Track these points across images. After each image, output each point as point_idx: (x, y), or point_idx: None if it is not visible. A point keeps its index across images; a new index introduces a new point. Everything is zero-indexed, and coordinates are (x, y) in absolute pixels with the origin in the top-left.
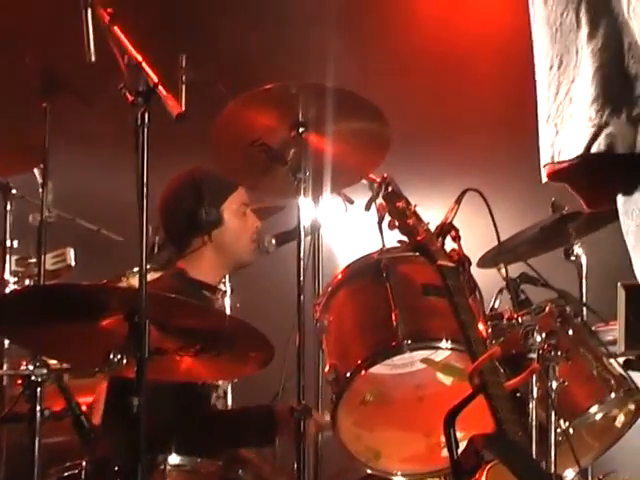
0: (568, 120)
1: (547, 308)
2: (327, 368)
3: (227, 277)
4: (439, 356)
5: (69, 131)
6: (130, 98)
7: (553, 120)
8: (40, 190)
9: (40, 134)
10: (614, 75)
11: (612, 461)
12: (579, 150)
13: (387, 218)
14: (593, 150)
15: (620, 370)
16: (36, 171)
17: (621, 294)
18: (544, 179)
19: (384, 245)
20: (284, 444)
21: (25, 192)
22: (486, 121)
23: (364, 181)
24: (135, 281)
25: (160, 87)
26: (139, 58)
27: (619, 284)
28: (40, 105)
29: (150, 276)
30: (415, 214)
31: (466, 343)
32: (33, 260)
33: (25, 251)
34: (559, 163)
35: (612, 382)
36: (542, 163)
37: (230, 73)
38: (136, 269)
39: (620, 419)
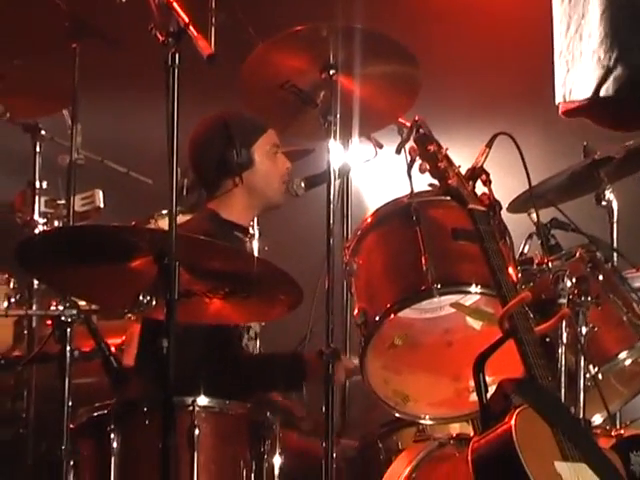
0: (578, 58)
1: (577, 253)
2: (356, 311)
3: (255, 220)
4: (469, 300)
5: (98, 72)
6: (161, 38)
7: (564, 57)
8: (69, 132)
9: (69, 76)
10: (623, 16)
11: None
12: (588, 92)
13: (418, 161)
14: (602, 94)
15: None
16: (65, 113)
17: None
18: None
19: (413, 189)
20: (312, 389)
21: (54, 133)
22: (517, 65)
23: (394, 125)
24: (164, 223)
25: (191, 27)
26: None
27: None
28: (69, 46)
29: (179, 218)
30: (446, 157)
31: (496, 287)
32: (62, 201)
33: (54, 192)
34: (571, 102)
35: None
36: (556, 101)
37: (260, 15)
38: (165, 211)
39: None
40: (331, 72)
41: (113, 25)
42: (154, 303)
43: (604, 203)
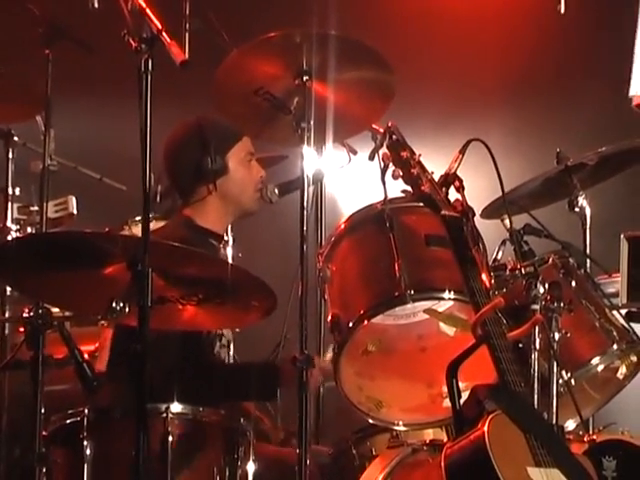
0: None
1: (550, 259)
2: (329, 318)
3: (230, 226)
4: (442, 307)
5: (72, 78)
6: (134, 44)
7: None
8: (42, 138)
9: (42, 81)
10: None
11: (612, 413)
12: None
13: (391, 168)
14: None
15: (622, 322)
16: (38, 119)
17: (624, 246)
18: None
19: (387, 195)
20: (286, 396)
21: (27, 140)
22: (491, 72)
23: (368, 131)
24: (137, 229)
25: (164, 34)
26: (142, 4)
27: (622, 236)
28: (43, 52)
29: (153, 225)
30: (419, 164)
31: (469, 294)
32: (35, 208)
33: (27, 199)
34: None
35: (614, 333)
36: (630, 93)
37: (234, 21)
38: (138, 217)
39: (622, 371)
40: (304, 78)
41: (86, 31)
42: (127, 310)
43: (577, 209)
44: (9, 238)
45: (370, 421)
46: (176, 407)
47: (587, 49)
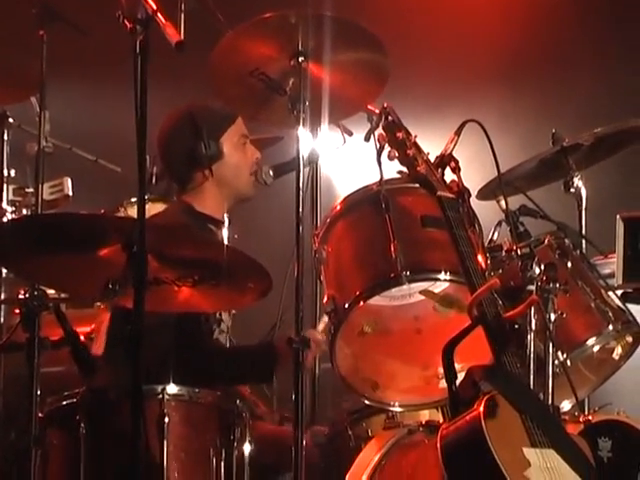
0: None
1: (546, 240)
2: (325, 299)
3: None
4: (438, 288)
5: (66, 60)
6: (128, 26)
7: None
8: (37, 119)
9: (37, 63)
10: None
11: (608, 394)
12: None
13: (387, 149)
14: None
15: (618, 302)
16: (33, 100)
17: (620, 227)
18: None
19: (382, 177)
20: (282, 378)
21: (22, 121)
22: (487, 51)
23: (363, 112)
24: (133, 211)
25: (159, 15)
26: None
27: (618, 216)
28: (37, 34)
29: (148, 207)
30: (415, 145)
31: (465, 275)
32: (30, 190)
33: (22, 181)
34: None
35: (610, 314)
36: None
37: (229, 2)
38: (134, 199)
39: (617, 351)
40: (300, 59)
41: (81, 12)
42: (123, 291)
43: (572, 190)
44: (4, 220)
45: (366, 402)
46: (172, 388)
47: (582, 30)
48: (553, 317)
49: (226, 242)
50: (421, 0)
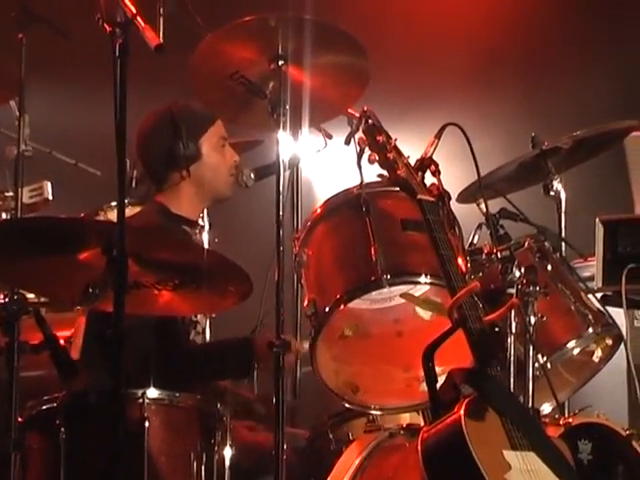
0: None
1: (526, 243)
2: (306, 302)
3: (205, 212)
4: (418, 291)
5: (46, 63)
6: (108, 29)
7: None
8: (16, 123)
9: (16, 66)
10: None
11: (587, 396)
12: None
13: (367, 152)
14: None
15: (598, 305)
16: (12, 104)
17: (599, 230)
18: None
19: (363, 180)
20: (262, 375)
21: (1, 125)
22: (467, 55)
23: (343, 116)
24: (113, 215)
25: (138, 18)
26: None
27: (597, 219)
28: (16, 36)
29: (128, 210)
30: (395, 148)
31: (445, 278)
32: (10, 194)
33: (2, 184)
34: None
35: (590, 317)
36: None
37: (208, 5)
38: (114, 203)
39: (597, 354)
40: (280, 63)
41: (61, 15)
42: (103, 295)
43: (552, 193)
44: None
45: (347, 405)
46: (152, 392)
47: (562, 33)
48: (533, 320)
49: (207, 246)
50: (400, 3)
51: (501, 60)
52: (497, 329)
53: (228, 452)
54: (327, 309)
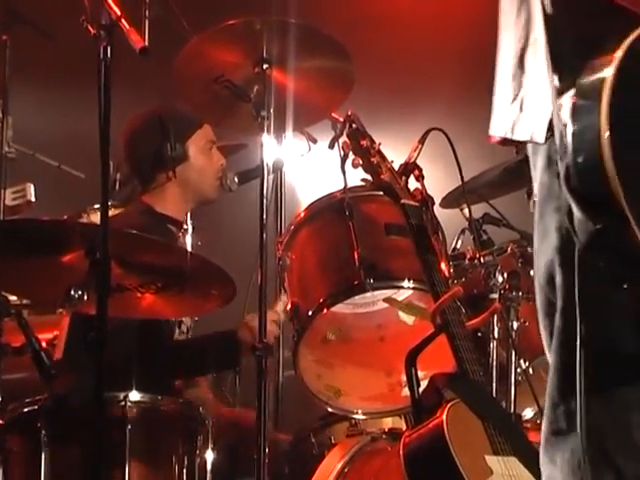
0: None
1: (509, 249)
2: (289, 306)
3: (189, 215)
4: (401, 295)
5: (29, 65)
6: (92, 31)
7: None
8: (0, 125)
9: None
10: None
11: None
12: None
13: (351, 156)
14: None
15: None
16: None
17: None
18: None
19: (346, 184)
20: (245, 383)
21: None
22: (450, 61)
23: (327, 120)
24: (96, 217)
25: (123, 21)
26: None
27: None
28: (0, 38)
29: (111, 212)
30: (379, 152)
31: (429, 282)
32: None
33: None
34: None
35: None
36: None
37: (193, 8)
38: (97, 205)
39: None
40: (264, 66)
41: (45, 17)
42: (85, 298)
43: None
44: None
45: (329, 409)
46: (134, 395)
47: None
48: (516, 325)
49: (190, 249)
50: (385, 7)
51: (487, 64)
52: (479, 334)
53: (210, 455)
54: (310, 313)
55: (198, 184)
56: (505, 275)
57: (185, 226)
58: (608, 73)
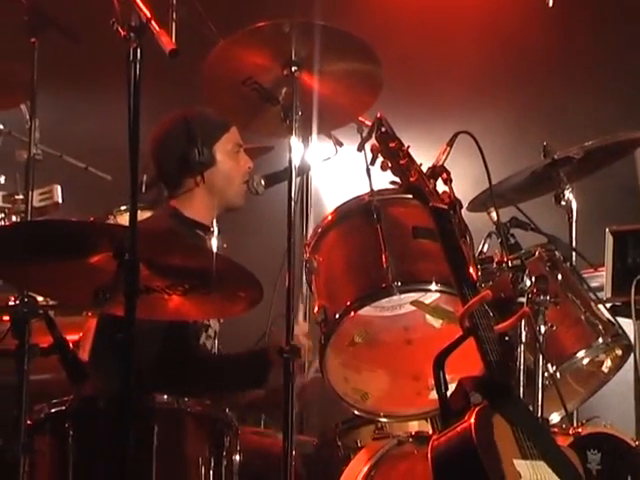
0: None
1: (537, 252)
2: (316, 309)
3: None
4: (428, 299)
5: (58, 67)
6: (122, 33)
7: None
8: (27, 126)
9: (28, 70)
10: None
11: (595, 407)
12: None
13: (379, 159)
14: None
15: (608, 315)
16: (23, 107)
17: (609, 240)
18: None
19: (372, 188)
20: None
21: (12, 128)
22: (479, 64)
23: (353, 124)
24: (122, 219)
25: (153, 22)
26: None
27: (607, 230)
28: (28, 40)
29: (138, 215)
30: (408, 155)
31: (457, 286)
32: (20, 197)
33: (12, 187)
34: None
35: (600, 327)
36: None
37: (221, 11)
38: (124, 207)
39: (607, 364)
40: (293, 69)
41: (73, 19)
42: (113, 300)
43: (563, 203)
44: None
45: (356, 412)
46: (161, 397)
47: (572, 43)
48: (543, 329)
49: (216, 251)
50: (412, 10)
51: (514, 69)
52: (507, 338)
53: (237, 458)
54: (337, 316)
55: (225, 189)
56: (533, 279)
57: (211, 229)
58: None
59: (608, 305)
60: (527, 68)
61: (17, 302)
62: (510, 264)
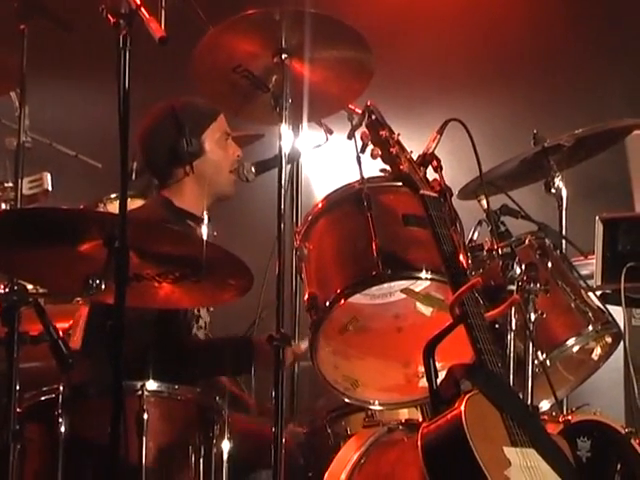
0: None
1: (527, 240)
2: (306, 297)
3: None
4: (419, 286)
5: (47, 54)
6: (112, 20)
7: None
8: (17, 114)
9: (17, 57)
10: None
11: (585, 394)
12: None
13: (370, 147)
14: None
15: (598, 303)
16: (13, 95)
17: (599, 228)
18: None
19: (362, 176)
20: (261, 374)
21: (2, 116)
22: (469, 51)
23: (343, 111)
24: (112, 207)
25: (142, 9)
26: None
27: (597, 218)
28: (18, 28)
29: (128, 202)
30: (398, 143)
31: (447, 273)
32: (10, 184)
33: (2, 175)
34: None
35: (590, 315)
36: None
37: None
38: (113, 195)
39: (597, 352)
40: (283, 56)
41: (63, 6)
42: (103, 287)
43: (553, 190)
44: None
45: (346, 400)
46: (151, 385)
47: (563, 32)
48: (533, 317)
49: (205, 239)
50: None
51: (504, 57)
52: (497, 326)
53: (226, 445)
54: (327, 303)
55: (214, 178)
56: (523, 267)
57: (202, 219)
58: None
59: (598, 293)
60: (518, 55)
61: (7, 290)
62: (500, 252)
